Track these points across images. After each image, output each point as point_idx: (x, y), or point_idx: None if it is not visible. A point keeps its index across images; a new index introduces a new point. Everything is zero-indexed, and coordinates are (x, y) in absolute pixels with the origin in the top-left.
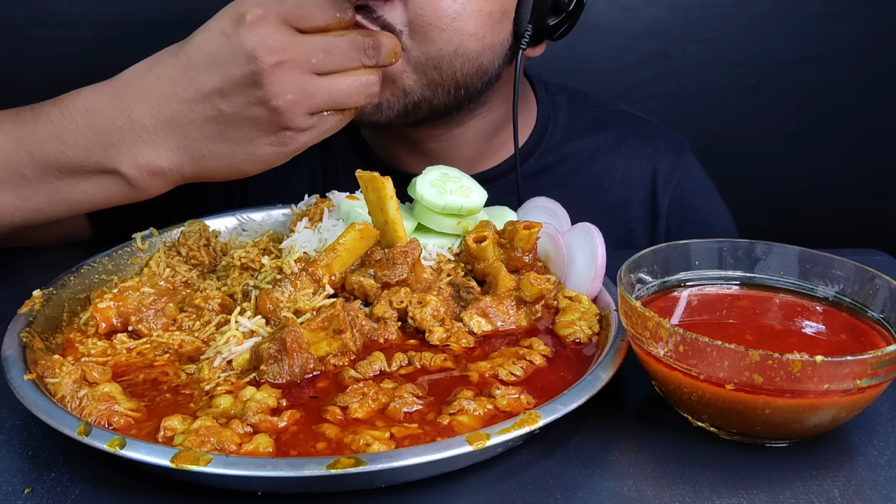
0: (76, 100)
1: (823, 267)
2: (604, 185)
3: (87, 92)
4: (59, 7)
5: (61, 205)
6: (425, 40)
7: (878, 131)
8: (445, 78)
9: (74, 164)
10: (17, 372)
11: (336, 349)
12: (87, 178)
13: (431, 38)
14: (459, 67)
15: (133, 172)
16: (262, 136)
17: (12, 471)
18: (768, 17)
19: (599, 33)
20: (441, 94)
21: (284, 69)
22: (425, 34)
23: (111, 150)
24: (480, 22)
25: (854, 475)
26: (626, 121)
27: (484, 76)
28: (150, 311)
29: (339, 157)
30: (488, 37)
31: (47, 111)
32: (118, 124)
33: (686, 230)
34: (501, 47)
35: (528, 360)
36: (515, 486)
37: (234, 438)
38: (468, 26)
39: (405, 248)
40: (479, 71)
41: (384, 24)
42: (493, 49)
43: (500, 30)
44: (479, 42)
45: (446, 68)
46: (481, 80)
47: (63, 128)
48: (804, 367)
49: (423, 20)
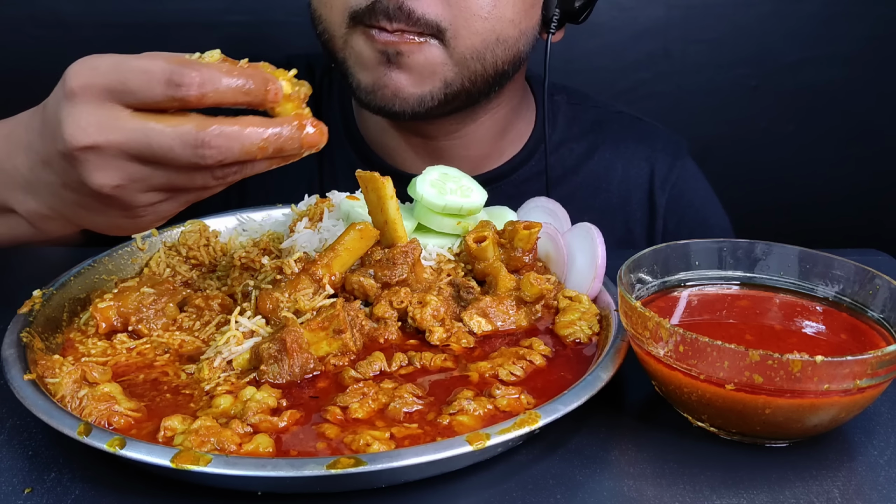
0: None
1: (823, 267)
2: (602, 185)
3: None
4: (59, 7)
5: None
6: (469, 32)
7: (878, 131)
8: (487, 68)
9: None
10: (17, 372)
11: (336, 349)
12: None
13: (476, 28)
14: (501, 55)
15: (25, 216)
16: (111, 210)
17: (12, 471)
18: (768, 17)
19: (599, 33)
20: (481, 83)
21: (99, 154)
22: (469, 25)
23: (4, 192)
24: (517, 7)
25: (854, 475)
26: (625, 122)
27: (517, 62)
28: (151, 310)
29: (337, 158)
30: (524, 22)
31: None
32: (5, 167)
33: (684, 230)
34: (533, 32)
35: (528, 360)
36: (515, 486)
37: (235, 438)
38: (507, 12)
39: (405, 248)
40: (516, 57)
41: (427, 23)
42: (526, 34)
43: (532, 14)
44: (517, 28)
45: (489, 58)
46: (515, 66)
47: None
48: (804, 367)
49: (465, 11)
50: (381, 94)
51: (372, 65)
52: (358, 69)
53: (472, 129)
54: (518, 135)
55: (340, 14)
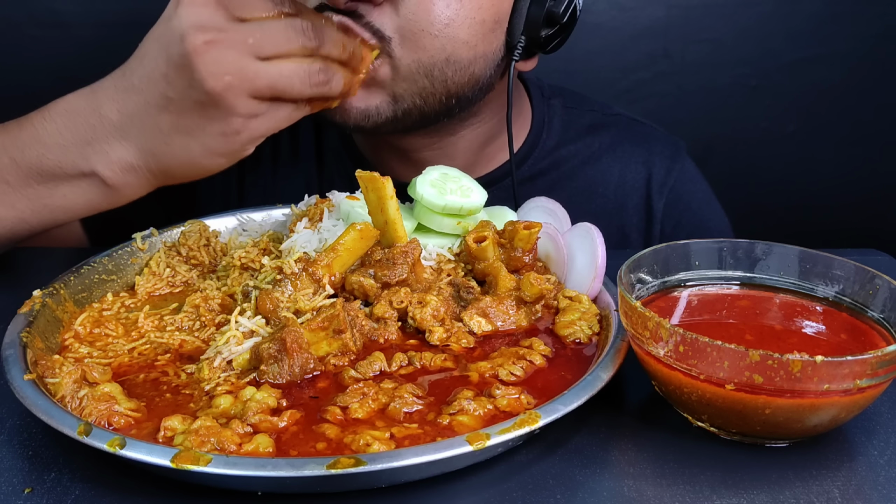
0: (59, 104)
1: (823, 267)
2: (598, 189)
3: (71, 96)
4: (59, 7)
5: (44, 211)
6: (416, 47)
7: (879, 131)
8: (437, 86)
9: (54, 167)
10: (18, 372)
11: (336, 349)
12: (67, 182)
13: (423, 44)
14: (451, 76)
15: (107, 171)
16: (210, 125)
17: (12, 471)
18: (768, 17)
19: (599, 33)
20: (432, 102)
21: (217, 48)
22: (417, 40)
23: (86, 149)
24: (473, 30)
25: (854, 475)
26: (622, 124)
27: (475, 85)
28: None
29: (334, 164)
30: (480, 46)
31: (31, 118)
32: (91, 122)
33: (682, 233)
34: (494, 57)
35: (529, 360)
36: (515, 486)
37: (235, 438)
38: (460, 33)
39: (405, 248)
40: (471, 80)
41: (374, 30)
42: (485, 58)
43: (492, 39)
44: (472, 50)
45: (438, 76)
46: (472, 89)
47: (43, 130)
48: (804, 367)
49: (414, 26)
50: (337, 110)
51: None
52: None
53: (451, 142)
54: None
55: None
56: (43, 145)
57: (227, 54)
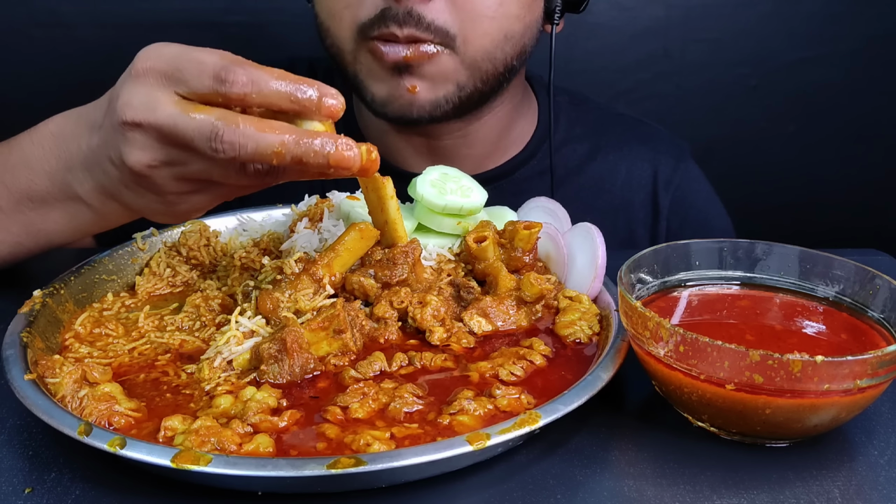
0: (47, 126)
1: (823, 267)
2: (605, 185)
3: (58, 117)
4: (59, 7)
5: (39, 236)
6: (478, 34)
7: (878, 131)
8: (498, 66)
9: (43, 192)
10: (18, 372)
11: (336, 349)
12: (56, 207)
13: (484, 29)
14: (510, 51)
15: (84, 196)
16: (147, 193)
17: (13, 471)
18: (768, 17)
19: (599, 33)
20: (492, 82)
21: (139, 132)
22: (477, 27)
23: (67, 176)
24: (521, 2)
25: (854, 475)
26: (628, 123)
27: (523, 55)
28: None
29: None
30: (528, 16)
31: (20, 140)
32: (72, 149)
33: (687, 231)
34: (536, 24)
35: (529, 360)
36: (515, 486)
37: (235, 438)
38: (512, 9)
39: (405, 248)
40: (522, 51)
41: (437, 29)
42: (531, 28)
43: (535, 7)
44: (522, 22)
45: (500, 56)
46: (520, 59)
47: (32, 154)
48: (804, 367)
49: (473, 11)
50: (398, 104)
51: (385, 76)
52: (371, 81)
53: (475, 128)
54: (520, 134)
55: (349, 27)
56: (31, 170)
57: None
